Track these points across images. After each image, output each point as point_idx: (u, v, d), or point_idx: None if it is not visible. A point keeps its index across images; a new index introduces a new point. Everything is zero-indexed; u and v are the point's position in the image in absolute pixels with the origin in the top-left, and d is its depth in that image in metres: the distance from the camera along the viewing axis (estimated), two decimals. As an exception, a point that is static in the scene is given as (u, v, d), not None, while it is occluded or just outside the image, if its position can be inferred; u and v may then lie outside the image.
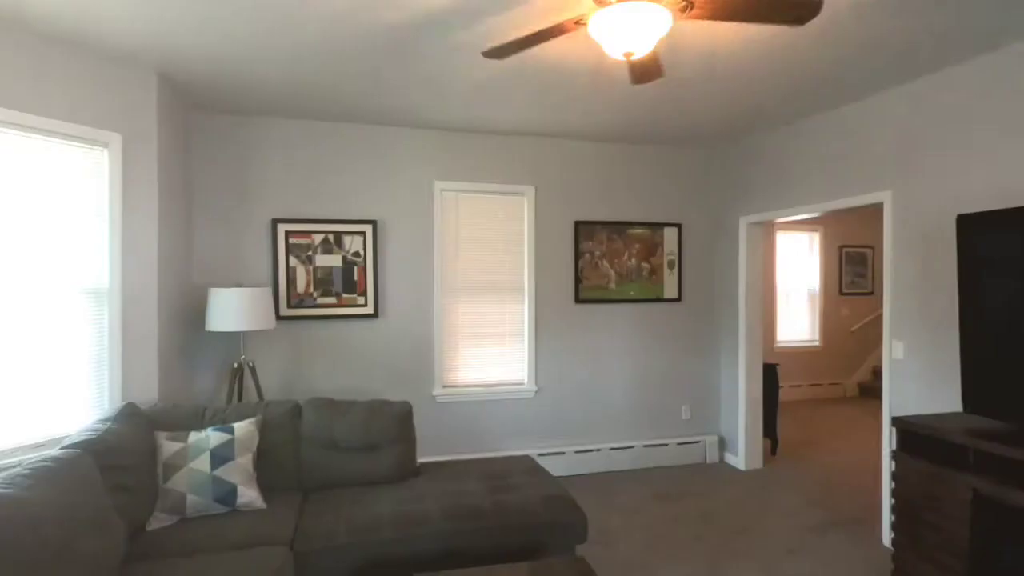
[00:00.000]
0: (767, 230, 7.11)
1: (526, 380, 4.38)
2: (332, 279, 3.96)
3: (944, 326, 2.96)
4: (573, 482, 4.26)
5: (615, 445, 4.52)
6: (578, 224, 4.46)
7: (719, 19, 1.91)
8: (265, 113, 3.77)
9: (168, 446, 2.51)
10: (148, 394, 2.99)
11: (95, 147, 2.77)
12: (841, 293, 7.61)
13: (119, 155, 2.85)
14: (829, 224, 7.51)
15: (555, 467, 4.39)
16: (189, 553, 2.17)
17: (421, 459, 4.08)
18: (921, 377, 3.09)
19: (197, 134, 3.74)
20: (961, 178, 2.87)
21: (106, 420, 2.43)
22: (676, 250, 4.69)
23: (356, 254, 4.00)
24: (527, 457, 3.22)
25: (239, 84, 3.20)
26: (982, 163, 2.77)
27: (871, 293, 7.70)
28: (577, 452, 4.44)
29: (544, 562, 2.09)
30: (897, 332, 3.23)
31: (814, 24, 2.45)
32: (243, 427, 2.66)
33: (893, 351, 3.25)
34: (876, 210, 6.72)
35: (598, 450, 4.48)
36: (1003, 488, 2.21)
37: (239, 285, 3.80)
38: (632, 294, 4.59)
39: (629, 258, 4.59)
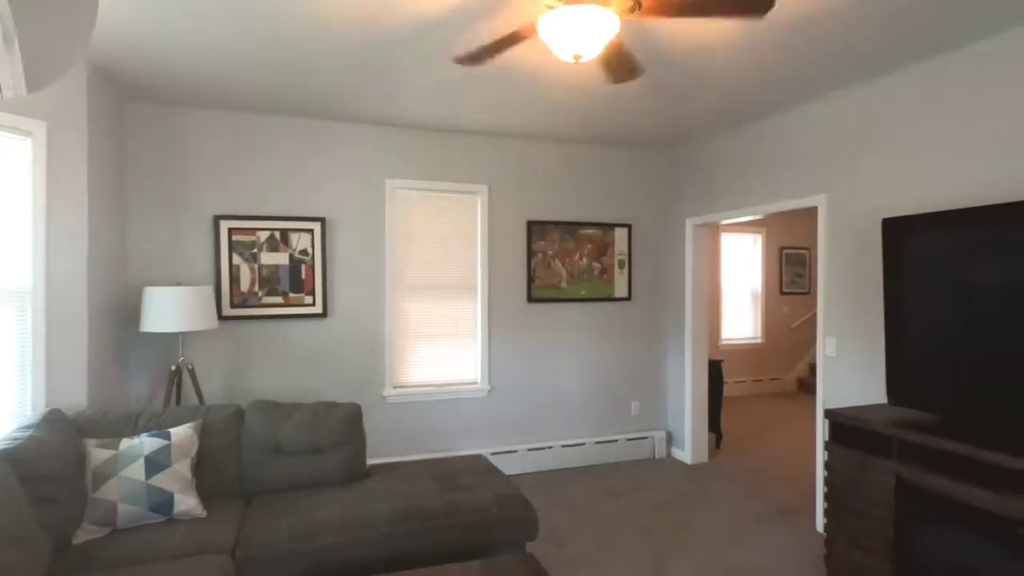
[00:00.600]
0: (712, 231, 7.35)
1: (479, 379, 4.38)
2: (278, 278, 3.84)
3: (873, 323, 3.14)
4: (525, 480, 4.29)
5: (567, 442, 4.57)
6: (531, 224, 4.49)
7: (670, 16, 1.89)
8: (207, 106, 3.62)
9: (97, 454, 2.38)
10: (76, 399, 2.82)
11: (15, 135, 2.59)
12: (782, 292, 7.95)
13: (43, 144, 2.68)
14: (771, 226, 7.84)
15: (508, 466, 4.41)
16: (120, 565, 2.06)
17: (371, 461, 4.02)
18: (852, 371, 3.27)
19: (134, 126, 3.55)
20: (888, 184, 3.05)
21: (27, 427, 2.28)
22: (626, 250, 4.79)
23: (304, 252, 3.90)
24: (479, 457, 3.21)
25: (179, 76, 3.06)
26: (908, 170, 2.95)
27: (808, 292, 8.09)
28: (530, 450, 4.47)
29: (493, 561, 2.09)
30: (830, 329, 3.41)
31: (754, 35, 2.55)
32: (181, 432, 2.55)
33: (826, 347, 3.42)
34: (813, 213, 7.05)
35: (550, 448, 4.52)
36: (924, 475, 2.37)
37: (179, 284, 3.64)
38: (583, 293, 4.66)
39: (581, 258, 4.66)
